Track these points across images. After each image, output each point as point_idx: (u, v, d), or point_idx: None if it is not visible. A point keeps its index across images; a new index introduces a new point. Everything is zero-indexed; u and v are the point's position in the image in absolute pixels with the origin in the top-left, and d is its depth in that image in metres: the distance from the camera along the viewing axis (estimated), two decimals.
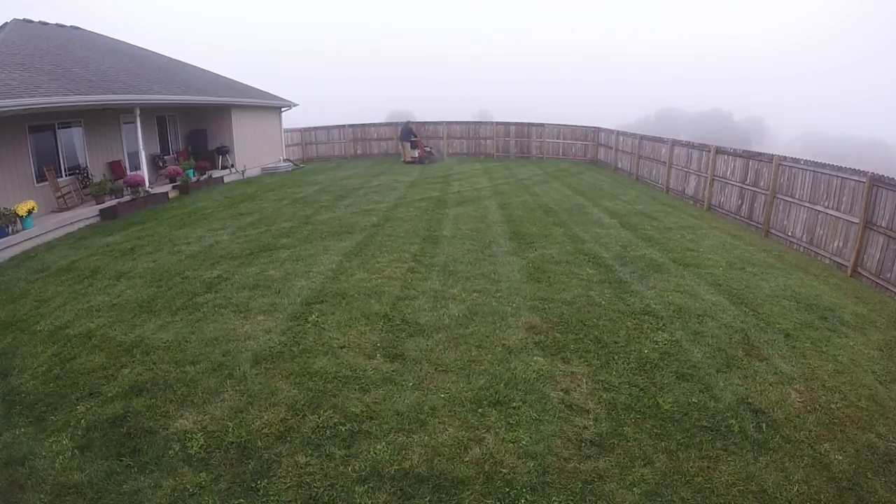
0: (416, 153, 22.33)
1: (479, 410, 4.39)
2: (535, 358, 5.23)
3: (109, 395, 4.65)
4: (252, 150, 20.55)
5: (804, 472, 3.79)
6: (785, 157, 10.91)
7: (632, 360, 5.23)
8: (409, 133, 22.57)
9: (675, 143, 16.23)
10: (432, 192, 15.19)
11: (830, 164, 9.60)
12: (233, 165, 19.20)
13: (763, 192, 11.41)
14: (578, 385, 4.79)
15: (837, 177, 9.20)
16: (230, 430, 4.12)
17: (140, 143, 13.93)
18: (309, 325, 5.90)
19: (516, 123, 25.63)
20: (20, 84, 10.30)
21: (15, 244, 9.61)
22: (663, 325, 6.06)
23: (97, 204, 12.44)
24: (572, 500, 3.50)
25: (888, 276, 7.86)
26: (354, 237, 9.73)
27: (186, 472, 3.72)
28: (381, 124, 27.98)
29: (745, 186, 12.17)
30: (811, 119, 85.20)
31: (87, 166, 13.37)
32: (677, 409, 4.46)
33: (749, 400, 4.62)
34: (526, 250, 8.95)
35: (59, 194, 11.97)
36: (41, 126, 11.84)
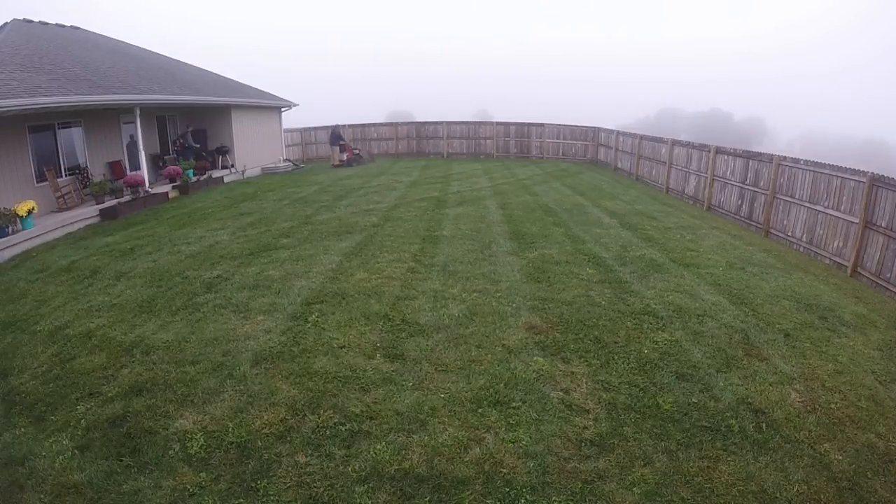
0: (344, 156, 22.48)
1: (479, 410, 4.39)
2: (535, 358, 5.23)
3: (109, 395, 4.65)
4: (252, 150, 20.56)
5: (804, 472, 3.79)
6: (785, 157, 10.91)
7: (632, 360, 5.23)
8: (338, 137, 22.81)
9: (675, 143, 16.23)
10: (432, 192, 15.19)
11: (830, 164, 9.60)
12: (233, 165, 19.20)
13: (763, 192, 11.41)
14: (578, 385, 4.79)
15: (837, 177, 9.20)
16: (230, 430, 4.12)
17: (140, 143, 13.93)
18: (309, 325, 5.90)
19: (516, 123, 25.64)
20: (20, 84, 10.30)
21: (15, 244, 9.61)
22: (663, 325, 6.06)
23: (97, 204, 12.43)
24: (572, 500, 3.50)
25: (888, 276, 7.86)
26: (354, 237, 9.73)
27: (186, 472, 3.72)
28: (380, 124, 28.02)
29: (745, 186, 12.17)
30: (811, 119, 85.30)
31: (86, 166, 13.37)
32: (677, 409, 4.46)
33: (749, 400, 4.62)
34: (526, 250, 8.95)
35: (58, 194, 11.96)
36: (41, 126, 11.84)
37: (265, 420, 4.24)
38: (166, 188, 14.85)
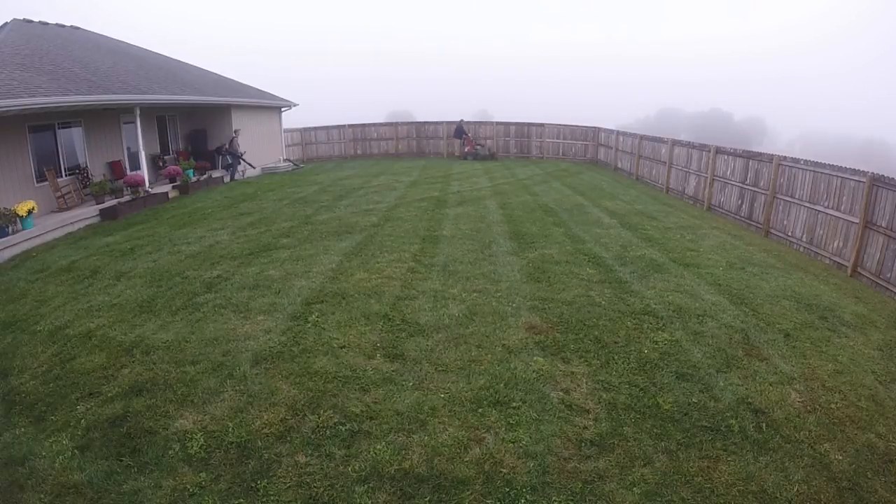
0: (465, 149, 24.75)
1: (479, 410, 4.39)
2: (535, 358, 5.23)
3: (109, 395, 4.65)
4: (252, 150, 20.55)
5: (804, 472, 3.79)
6: (785, 157, 10.91)
7: (632, 360, 5.23)
8: (461, 132, 25.02)
9: (675, 143, 16.23)
10: (432, 192, 15.19)
11: (830, 164, 9.60)
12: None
13: (763, 192, 11.41)
14: (578, 385, 4.79)
15: (837, 177, 9.20)
16: (230, 430, 4.12)
17: (140, 143, 13.93)
18: (309, 325, 5.90)
19: (516, 123, 25.63)
20: (20, 84, 10.30)
21: (15, 244, 9.61)
22: (663, 325, 6.06)
23: (97, 204, 12.44)
24: (572, 500, 3.50)
25: (888, 276, 7.86)
26: (354, 237, 9.73)
27: (186, 472, 3.72)
28: (380, 124, 28.00)
29: (745, 186, 12.17)
30: (811, 119, 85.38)
31: (87, 166, 13.37)
32: (677, 409, 4.46)
33: (749, 400, 4.62)
34: (526, 250, 8.95)
35: (59, 194, 11.96)
36: (41, 126, 11.84)
37: (265, 420, 4.24)
38: (166, 188, 14.85)
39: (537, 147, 25.29)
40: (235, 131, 18.70)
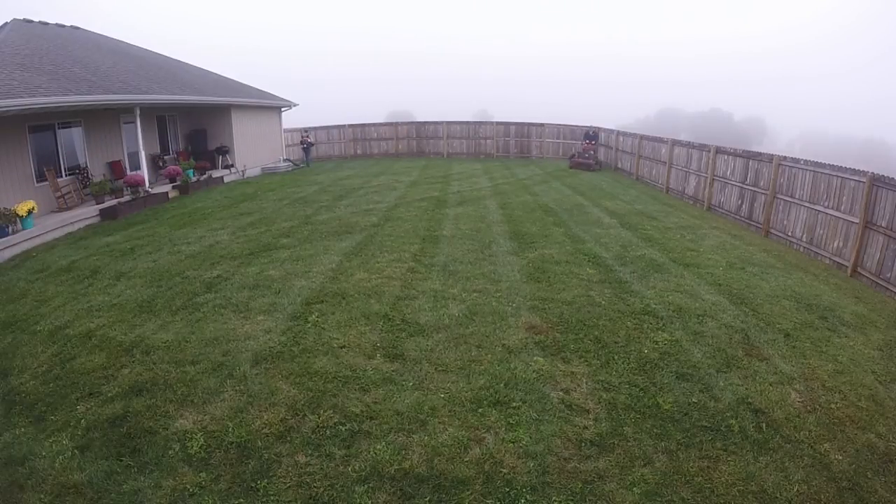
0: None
1: (479, 410, 4.39)
2: (535, 358, 5.23)
3: (109, 395, 4.65)
4: (252, 150, 20.56)
5: (804, 472, 3.79)
6: (785, 157, 10.91)
7: (632, 360, 5.23)
8: (593, 136, 23.36)
9: (675, 143, 16.23)
10: (432, 192, 15.19)
11: (830, 164, 9.60)
12: (233, 165, 19.20)
13: (763, 192, 11.41)
14: (578, 385, 4.79)
15: (837, 177, 9.19)
16: (230, 430, 4.12)
17: (140, 143, 13.93)
18: (309, 325, 5.90)
19: (516, 123, 25.65)
20: (20, 84, 10.29)
21: (15, 244, 9.61)
22: (663, 325, 6.06)
23: (97, 204, 12.43)
24: (572, 500, 3.50)
25: (888, 275, 7.86)
26: (354, 237, 9.73)
27: (186, 472, 3.72)
28: (380, 124, 28.01)
29: (745, 186, 12.17)
30: (811, 119, 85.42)
31: (87, 166, 13.36)
32: (677, 409, 4.46)
33: (749, 400, 4.62)
34: (526, 250, 8.95)
35: (59, 194, 11.96)
36: (41, 126, 11.84)
37: (265, 420, 4.24)
38: (166, 188, 14.85)
39: (537, 147, 25.30)
40: (305, 131, 24.76)
